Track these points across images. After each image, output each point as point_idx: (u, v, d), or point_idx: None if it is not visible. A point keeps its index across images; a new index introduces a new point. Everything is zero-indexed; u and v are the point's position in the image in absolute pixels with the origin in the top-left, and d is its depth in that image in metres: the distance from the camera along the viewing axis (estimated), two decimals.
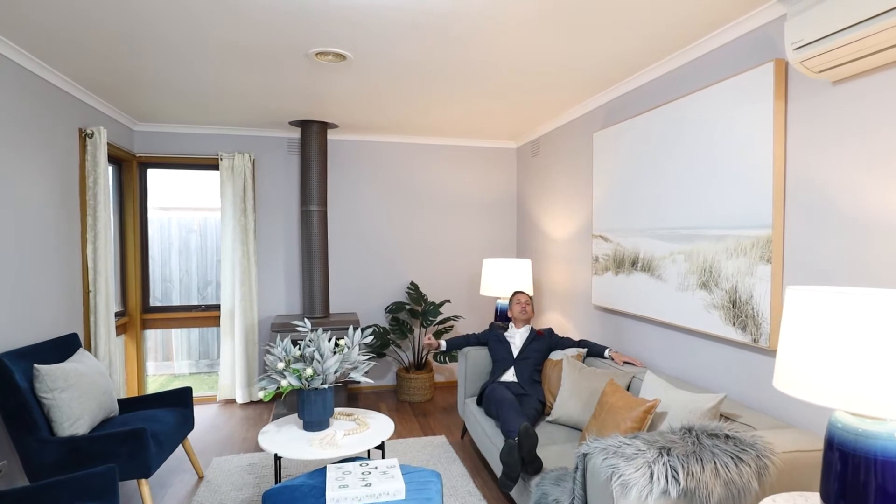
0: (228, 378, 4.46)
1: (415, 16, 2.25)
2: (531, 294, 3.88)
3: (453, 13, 2.22)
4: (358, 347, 2.69)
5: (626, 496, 1.48)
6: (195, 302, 5.32)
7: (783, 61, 2.07)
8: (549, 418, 2.81)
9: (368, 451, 2.53)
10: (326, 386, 2.52)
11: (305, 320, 2.89)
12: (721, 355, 2.44)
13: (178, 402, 3.00)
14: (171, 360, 5.50)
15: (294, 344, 4.07)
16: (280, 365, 2.51)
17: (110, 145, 3.76)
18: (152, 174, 4.49)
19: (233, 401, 4.52)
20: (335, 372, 2.55)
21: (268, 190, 4.61)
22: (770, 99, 2.08)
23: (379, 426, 2.64)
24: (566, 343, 3.27)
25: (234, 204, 4.36)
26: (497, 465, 2.65)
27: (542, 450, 2.44)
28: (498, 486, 2.88)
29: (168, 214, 5.26)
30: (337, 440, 2.44)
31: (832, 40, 1.66)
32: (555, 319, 4.30)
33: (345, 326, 4.19)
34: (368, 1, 2.12)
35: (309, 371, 2.47)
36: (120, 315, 4.12)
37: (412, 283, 4.73)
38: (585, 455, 1.69)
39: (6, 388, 2.27)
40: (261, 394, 2.48)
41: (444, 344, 3.44)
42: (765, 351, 2.19)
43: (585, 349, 3.15)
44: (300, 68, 2.92)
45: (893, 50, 1.59)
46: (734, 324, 2.28)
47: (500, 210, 5.17)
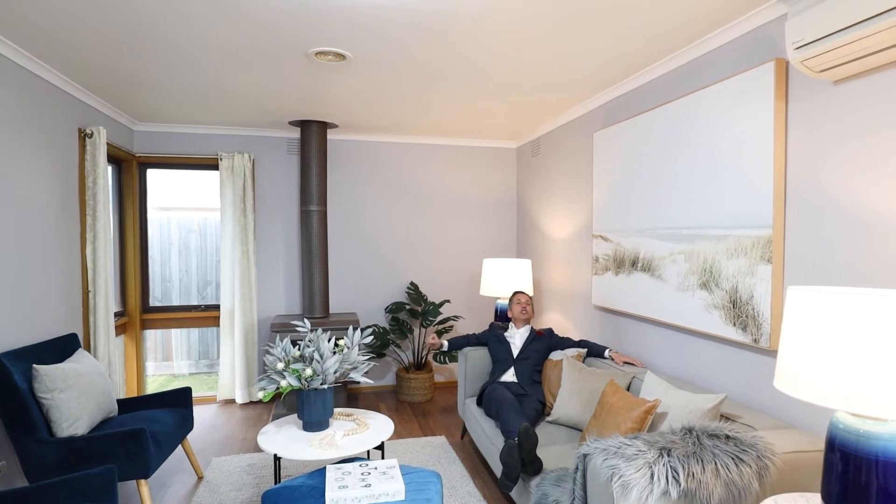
0: (228, 378, 4.46)
1: (415, 16, 2.25)
2: (531, 294, 3.87)
3: (453, 13, 2.22)
4: (357, 347, 2.69)
5: (627, 497, 1.48)
6: (195, 302, 5.31)
7: (784, 61, 2.07)
8: (549, 419, 2.81)
9: (368, 452, 2.52)
10: (326, 386, 2.52)
11: (305, 320, 2.88)
12: (721, 355, 2.43)
13: (178, 403, 2.99)
14: (171, 361, 5.49)
15: (294, 344, 4.06)
16: (279, 365, 2.51)
17: (110, 145, 3.76)
18: (152, 174, 4.49)
19: (232, 401, 4.51)
20: (335, 372, 2.54)
21: (267, 190, 4.61)
22: (771, 99, 2.08)
23: (378, 426, 2.64)
24: (566, 343, 3.26)
25: (234, 204, 4.35)
26: (497, 466, 2.65)
27: (542, 450, 2.43)
28: (498, 487, 2.88)
29: (168, 214, 5.26)
30: (336, 440, 2.43)
31: (833, 40, 1.65)
32: (555, 319, 4.29)
33: (344, 326, 4.18)
34: (368, 1, 2.12)
35: (308, 371, 2.47)
36: (119, 315, 4.12)
37: (412, 283, 4.72)
38: (586, 456, 1.69)
39: (5, 389, 2.27)
40: (260, 394, 2.48)
41: (446, 344, 3.45)
42: (765, 351, 2.18)
43: (585, 349, 3.15)
44: (300, 68, 2.92)
45: (894, 49, 1.59)
46: (734, 324, 2.28)
47: (500, 210, 5.17)
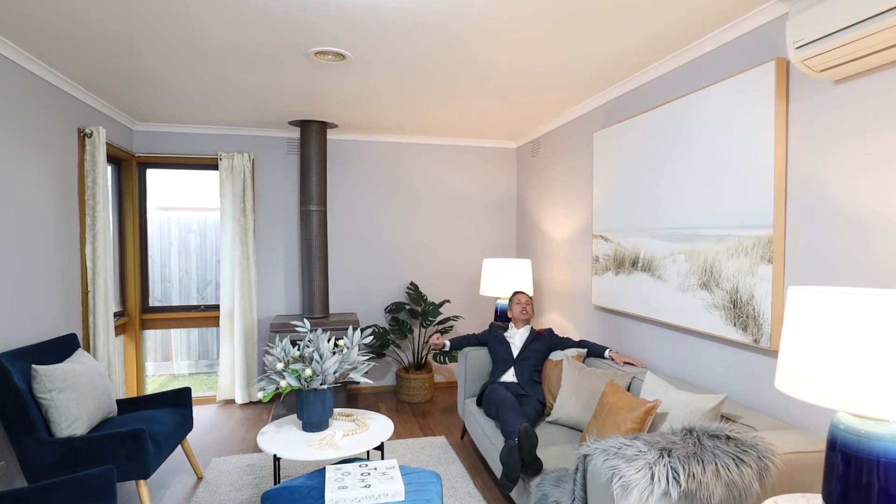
0: (228, 378, 4.45)
1: (415, 16, 2.25)
2: (531, 294, 3.87)
3: (453, 13, 2.22)
4: (357, 348, 2.68)
5: (627, 497, 1.47)
6: (194, 302, 5.31)
7: (784, 60, 2.06)
8: (549, 419, 2.81)
9: (368, 452, 2.52)
10: (325, 386, 2.52)
11: (305, 320, 2.88)
12: (722, 356, 2.43)
13: (177, 403, 2.99)
14: (171, 361, 5.49)
15: (293, 344, 4.06)
16: (279, 365, 2.51)
17: (109, 145, 3.76)
18: (151, 174, 4.48)
19: (232, 401, 4.51)
20: (334, 372, 2.54)
21: (267, 190, 4.60)
22: (771, 98, 2.07)
23: (378, 427, 2.63)
24: (566, 343, 3.26)
25: (234, 204, 4.35)
26: (497, 466, 2.65)
27: (542, 450, 2.43)
28: (498, 487, 2.87)
29: (167, 214, 5.26)
30: (336, 441, 2.43)
31: (833, 39, 1.65)
32: (555, 319, 4.29)
33: (344, 327, 4.18)
34: (368, 1, 2.11)
35: (308, 371, 2.46)
36: (119, 315, 4.11)
37: (412, 284, 4.72)
38: (586, 456, 1.68)
39: (4, 389, 2.27)
40: (260, 394, 2.47)
41: (449, 343, 3.45)
42: (766, 351, 2.18)
43: (585, 349, 3.14)
44: (300, 68, 2.92)
45: (895, 49, 1.59)
46: (735, 324, 2.28)
47: (500, 210, 5.16)
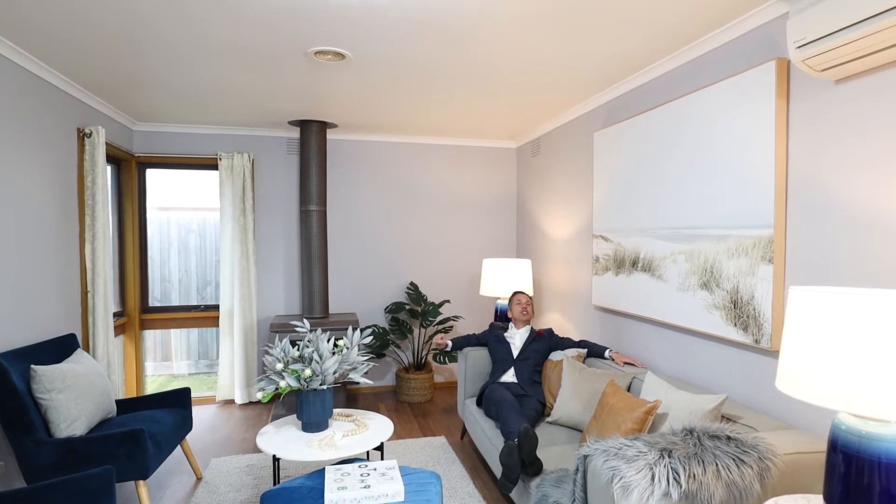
0: (227, 378, 4.45)
1: (415, 15, 2.24)
2: (531, 294, 3.86)
3: (453, 12, 2.21)
4: (357, 348, 2.68)
5: (628, 498, 1.47)
6: (194, 302, 5.31)
7: (785, 60, 2.06)
8: (549, 419, 2.80)
9: (367, 453, 2.52)
10: (325, 387, 2.51)
11: (304, 321, 2.87)
12: (722, 356, 2.42)
13: (177, 403, 2.99)
14: (171, 361, 5.49)
15: (293, 344, 4.05)
16: (279, 365, 2.50)
17: (109, 145, 3.75)
18: (151, 174, 4.48)
19: (232, 401, 4.50)
20: (334, 373, 2.53)
21: (267, 190, 4.60)
22: (772, 98, 2.07)
23: (378, 427, 2.63)
24: (566, 343, 3.26)
25: (234, 204, 4.34)
26: (497, 467, 2.64)
27: (542, 451, 2.43)
28: (498, 488, 2.87)
29: (167, 214, 5.25)
30: (336, 441, 2.43)
31: (834, 39, 1.65)
32: (555, 320, 4.28)
33: (344, 327, 4.17)
34: (368, 0, 2.11)
35: (308, 372, 2.46)
36: (119, 315, 4.11)
37: (412, 284, 4.71)
38: (586, 457, 1.68)
39: (3, 389, 2.26)
40: (259, 395, 2.47)
41: (451, 343, 3.45)
42: (766, 352, 2.18)
43: (586, 350, 3.14)
44: (299, 68, 2.91)
45: (895, 49, 1.59)
46: (735, 324, 2.27)
47: (500, 210, 5.16)
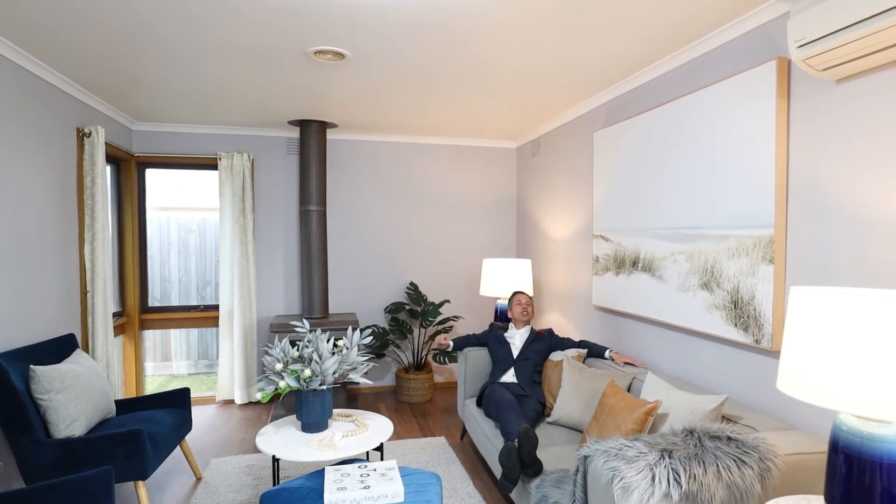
0: (227, 378, 4.44)
1: (414, 15, 2.24)
2: (531, 294, 3.86)
3: (453, 13, 2.21)
4: (357, 348, 2.67)
5: (628, 499, 1.46)
6: (194, 302, 5.31)
7: (786, 59, 2.05)
8: (550, 419, 2.80)
9: (367, 453, 2.51)
10: (325, 387, 2.51)
11: (304, 321, 2.87)
12: (723, 356, 2.42)
13: (176, 403, 2.98)
14: (170, 361, 5.48)
15: (292, 344, 4.05)
16: (278, 366, 2.50)
17: (108, 145, 3.75)
18: (151, 174, 4.47)
19: (231, 401, 4.50)
20: (334, 373, 2.53)
21: (267, 190, 4.59)
22: (772, 97, 2.06)
23: (378, 427, 2.62)
24: (566, 344, 3.25)
25: (233, 204, 4.34)
26: (497, 467, 2.64)
27: (542, 451, 2.42)
28: (498, 488, 2.86)
29: (167, 214, 5.25)
30: (335, 442, 2.42)
31: (835, 38, 1.64)
32: (555, 320, 4.28)
33: (344, 327, 4.17)
34: (368, 0, 2.11)
35: (307, 372, 2.46)
36: (118, 315, 4.10)
37: (412, 284, 4.71)
38: (586, 457, 1.67)
39: (2, 390, 2.26)
40: (259, 395, 2.46)
41: (452, 344, 3.45)
42: (767, 352, 2.17)
43: (586, 350, 3.13)
44: (299, 67, 2.91)
45: None
46: (736, 324, 2.27)
47: (500, 210, 5.15)
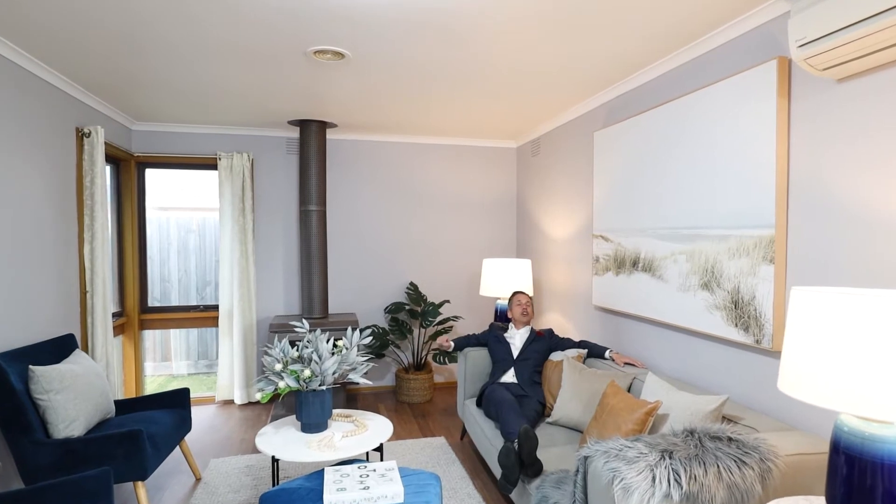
0: (227, 379, 4.44)
1: (415, 15, 2.24)
2: (531, 294, 3.85)
3: (453, 12, 2.21)
4: (356, 348, 2.67)
5: (628, 500, 1.46)
6: (194, 302, 5.30)
7: (786, 59, 2.05)
8: (550, 420, 2.79)
9: (367, 453, 2.51)
10: (324, 387, 2.50)
11: (304, 321, 2.87)
12: (723, 356, 2.41)
13: (176, 404, 2.98)
14: (170, 361, 5.48)
15: (292, 345, 4.04)
16: (278, 366, 2.49)
17: (108, 145, 3.74)
18: (150, 174, 4.47)
19: (231, 401, 4.49)
20: (333, 373, 2.53)
21: (266, 190, 4.59)
22: (773, 97, 2.06)
23: (377, 428, 2.62)
24: (566, 344, 3.25)
25: (233, 204, 4.34)
26: (497, 467, 2.63)
27: (542, 452, 2.42)
28: (498, 489, 2.86)
29: (166, 214, 5.25)
30: (335, 442, 2.42)
31: (836, 38, 1.64)
32: (555, 320, 4.27)
33: (343, 327, 4.17)
34: (368, 0, 2.11)
35: (307, 372, 2.45)
36: (118, 315, 4.10)
37: (411, 284, 4.71)
38: (586, 458, 1.67)
39: (1, 390, 2.25)
40: (258, 395, 2.46)
41: (453, 344, 3.45)
42: (767, 352, 2.17)
43: (586, 350, 3.13)
44: (299, 67, 2.90)
45: None
46: (736, 325, 2.26)
47: (500, 210, 5.15)
